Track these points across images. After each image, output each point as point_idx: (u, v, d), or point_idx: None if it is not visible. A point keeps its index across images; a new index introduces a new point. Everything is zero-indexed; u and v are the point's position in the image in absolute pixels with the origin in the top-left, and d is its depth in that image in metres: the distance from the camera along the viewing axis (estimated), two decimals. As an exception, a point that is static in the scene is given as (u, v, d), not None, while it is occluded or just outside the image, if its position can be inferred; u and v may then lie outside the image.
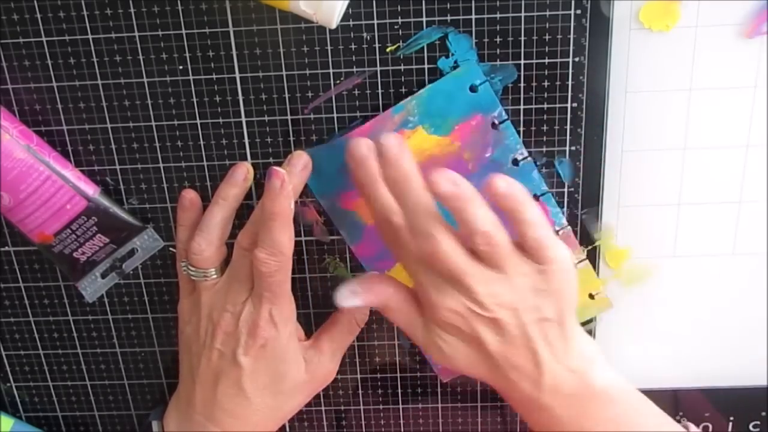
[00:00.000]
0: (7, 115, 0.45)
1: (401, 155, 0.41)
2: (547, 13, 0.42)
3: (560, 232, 0.48)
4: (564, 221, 0.47)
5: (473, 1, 0.42)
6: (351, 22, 0.43)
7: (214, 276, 0.46)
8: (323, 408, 0.54)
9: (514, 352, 0.41)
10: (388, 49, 0.44)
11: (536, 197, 0.47)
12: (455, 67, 0.44)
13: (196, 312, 0.46)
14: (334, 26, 0.39)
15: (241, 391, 0.45)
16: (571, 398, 0.41)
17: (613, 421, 0.42)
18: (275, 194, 0.43)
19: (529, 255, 0.41)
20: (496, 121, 0.45)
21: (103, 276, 0.50)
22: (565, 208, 0.47)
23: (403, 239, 0.41)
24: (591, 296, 0.50)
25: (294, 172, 0.45)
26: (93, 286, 0.50)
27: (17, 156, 0.44)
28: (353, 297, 0.43)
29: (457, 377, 0.53)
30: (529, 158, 0.46)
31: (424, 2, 0.42)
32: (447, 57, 0.44)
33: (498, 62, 0.44)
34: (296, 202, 0.47)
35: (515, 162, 0.46)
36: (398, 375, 0.53)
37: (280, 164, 0.47)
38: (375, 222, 0.44)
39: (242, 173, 0.46)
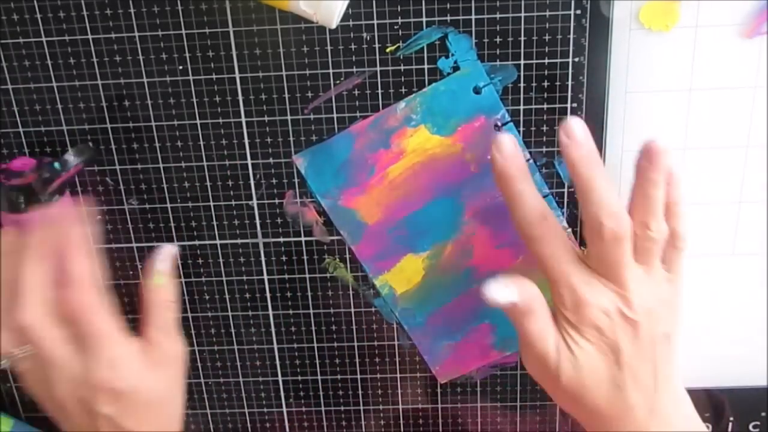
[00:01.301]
0: None
1: (592, 145, 0.40)
2: (547, 13, 0.42)
3: (560, 233, 0.48)
4: (564, 223, 0.47)
5: (473, 1, 0.42)
6: (351, 22, 0.43)
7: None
8: (323, 408, 0.54)
9: (642, 367, 0.40)
10: (388, 49, 0.44)
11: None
12: (455, 67, 0.44)
13: (44, 387, 0.43)
14: (334, 26, 0.39)
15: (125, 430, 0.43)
16: (674, 429, 0.40)
17: None
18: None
19: (666, 259, 0.40)
20: (499, 123, 0.45)
21: None
22: (565, 209, 0.47)
23: (558, 236, 0.40)
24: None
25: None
26: None
27: None
28: (508, 291, 0.40)
29: (456, 378, 0.53)
30: (531, 161, 0.46)
31: (424, 2, 0.42)
32: (447, 57, 0.44)
33: (498, 62, 0.44)
34: (296, 203, 0.47)
35: None
36: (398, 375, 0.53)
37: (279, 164, 0.47)
38: (524, 228, 0.40)
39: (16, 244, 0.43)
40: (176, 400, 0.46)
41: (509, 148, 0.40)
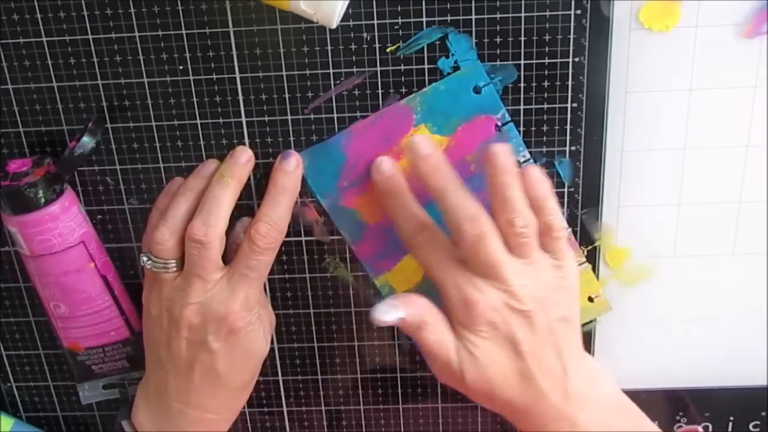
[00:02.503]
0: (99, 247, 0.48)
1: (438, 156, 0.43)
2: (547, 13, 0.42)
3: (560, 233, 0.48)
4: (564, 223, 0.47)
5: (473, 1, 0.42)
6: (351, 22, 0.43)
7: (174, 268, 0.44)
8: (323, 408, 0.54)
9: (545, 353, 0.41)
10: (388, 49, 0.44)
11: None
12: (455, 67, 0.44)
13: (156, 304, 0.45)
14: (334, 26, 0.39)
15: (215, 374, 0.45)
16: (594, 408, 0.41)
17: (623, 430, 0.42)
18: (290, 170, 0.45)
19: (549, 248, 0.42)
20: (499, 123, 0.45)
21: (105, 388, 0.51)
22: (565, 208, 0.47)
23: (439, 244, 0.42)
24: (590, 299, 0.50)
25: (238, 164, 0.45)
26: (91, 392, 0.52)
27: (92, 283, 0.47)
28: (394, 310, 0.41)
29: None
30: (531, 160, 0.46)
31: (424, 2, 0.42)
32: (447, 57, 0.44)
33: (498, 62, 0.44)
34: (296, 202, 0.47)
35: (518, 164, 0.46)
36: (398, 375, 0.53)
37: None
38: (405, 239, 0.44)
39: (210, 168, 0.46)
40: (258, 367, 0.47)
41: (387, 167, 0.44)
